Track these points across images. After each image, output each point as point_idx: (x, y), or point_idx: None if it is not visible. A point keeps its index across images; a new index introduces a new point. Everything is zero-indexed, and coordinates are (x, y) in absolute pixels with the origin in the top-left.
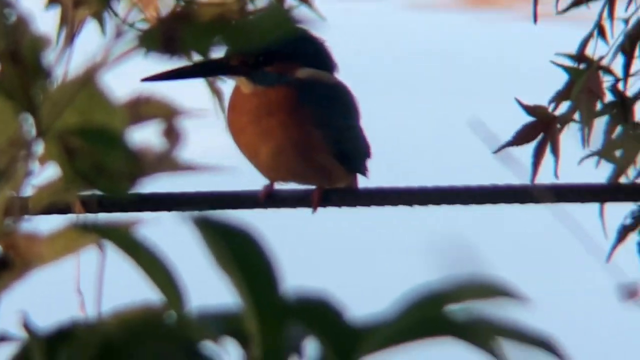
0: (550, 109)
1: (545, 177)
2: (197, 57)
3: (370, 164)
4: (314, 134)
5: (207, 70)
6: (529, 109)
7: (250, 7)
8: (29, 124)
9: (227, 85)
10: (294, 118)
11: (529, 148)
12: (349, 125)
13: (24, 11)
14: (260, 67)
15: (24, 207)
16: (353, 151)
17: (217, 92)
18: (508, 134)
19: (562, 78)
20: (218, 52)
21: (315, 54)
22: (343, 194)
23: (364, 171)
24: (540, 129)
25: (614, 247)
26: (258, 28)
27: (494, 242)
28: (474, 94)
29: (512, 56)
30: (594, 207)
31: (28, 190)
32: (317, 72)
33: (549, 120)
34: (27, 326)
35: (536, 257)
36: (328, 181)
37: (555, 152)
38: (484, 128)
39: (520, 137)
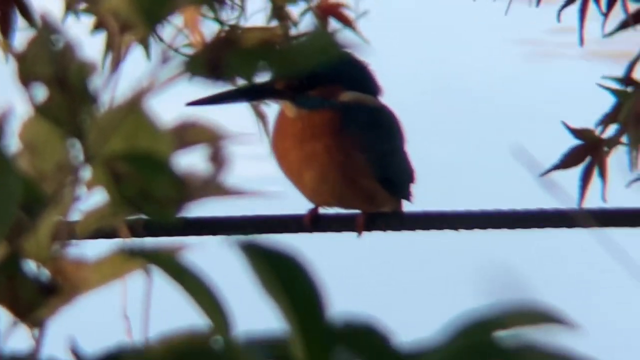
0: (597, 132)
1: (592, 201)
2: (241, 82)
3: (415, 188)
4: (358, 158)
5: (251, 94)
6: (576, 132)
7: (294, 31)
8: (76, 150)
9: (272, 109)
10: (337, 142)
11: (573, 173)
12: (393, 150)
13: (71, 37)
14: (305, 91)
15: (71, 232)
16: (397, 176)
17: (261, 116)
18: (550, 158)
19: (608, 100)
20: (263, 77)
21: (359, 78)
22: (388, 218)
23: (408, 196)
24: (588, 152)
25: None
26: (302, 52)
27: (539, 267)
28: (517, 117)
29: (556, 78)
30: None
31: (75, 216)
32: (361, 95)
33: (596, 144)
34: (74, 352)
35: (582, 282)
36: (372, 205)
37: (602, 175)
38: (527, 153)
39: (567, 161)
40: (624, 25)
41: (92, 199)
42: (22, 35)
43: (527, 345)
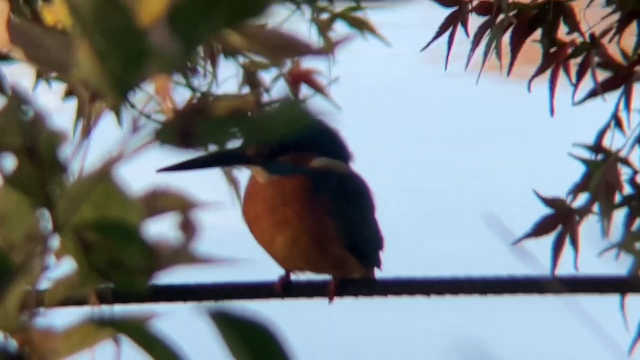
0: (568, 201)
1: (564, 270)
2: (213, 149)
3: (384, 255)
4: (328, 225)
5: (223, 160)
6: (548, 202)
7: (266, 98)
8: (45, 219)
9: (244, 175)
10: (308, 208)
11: (545, 242)
12: (363, 217)
13: (41, 106)
14: (276, 158)
15: (40, 302)
16: (367, 243)
17: (233, 182)
18: (521, 223)
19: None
20: (234, 144)
21: (330, 144)
22: (360, 284)
23: (377, 263)
24: (559, 221)
25: (636, 341)
26: (273, 120)
27: (511, 335)
28: (487, 179)
29: (529, 134)
30: (612, 301)
31: (44, 285)
32: (332, 162)
33: (568, 213)
34: None
35: (554, 350)
36: (343, 272)
37: (575, 244)
38: (499, 221)
39: (539, 230)
40: (593, 94)
41: (61, 268)
42: None
43: None
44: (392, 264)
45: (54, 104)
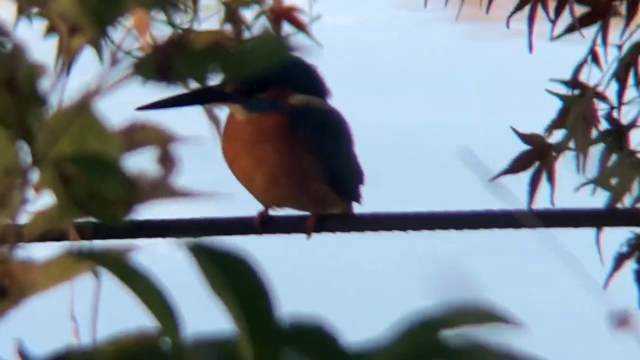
0: (545, 137)
1: (541, 205)
2: (193, 85)
3: (363, 189)
4: (307, 160)
5: (201, 98)
6: (525, 138)
7: (247, 35)
8: (24, 152)
9: (225, 112)
10: (287, 144)
11: (521, 178)
12: (342, 152)
13: (20, 39)
14: (254, 95)
15: (19, 235)
16: (346, 177)
17: (214, 119)
18: (497, 158)
19: (556, 100)
20: (214, 80)
21: (307, 80)
22: (337, 219)
23: (357, 197)
24: (536, 157)
25: (611, 275)
26: (251, 55)
27: (488, 268)
28: (467, 116)
29: (507, 75)
30: (588, 234)
31: (23, 218)
32: (309, 98)
33: (545, 149)
34: (22, 353)
35: (530, 283)
36: (322, 207)
37: (551, 180)
38: (475, 158)
39: (516, 166)
40: (570, 29)
41: (40, 201)
42: None
43: (473, 345)
44: (369, 200)
45: (35, 40)
